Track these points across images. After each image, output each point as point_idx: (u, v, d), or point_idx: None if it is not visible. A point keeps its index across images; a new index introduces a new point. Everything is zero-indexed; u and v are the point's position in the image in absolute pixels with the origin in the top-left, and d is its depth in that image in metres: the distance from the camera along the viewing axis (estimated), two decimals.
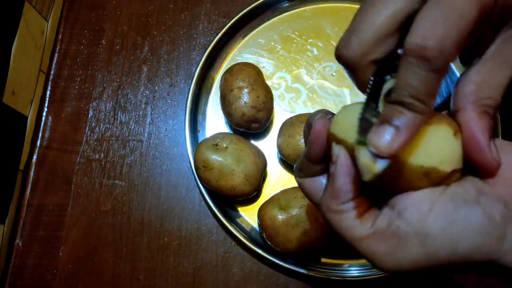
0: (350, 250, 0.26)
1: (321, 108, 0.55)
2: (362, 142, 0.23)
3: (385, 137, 0.23)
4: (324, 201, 0.26)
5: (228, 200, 0.52)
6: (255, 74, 0.51)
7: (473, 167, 0.25)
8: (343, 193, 0.25)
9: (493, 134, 0.25)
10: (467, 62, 0.27)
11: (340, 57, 0.26)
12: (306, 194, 0.30)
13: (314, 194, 0.29)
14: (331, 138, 0.26)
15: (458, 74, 0.50)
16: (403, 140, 0.23)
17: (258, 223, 0.49)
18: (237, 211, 0.53)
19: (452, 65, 0.53)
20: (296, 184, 0.53)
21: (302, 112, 0.54)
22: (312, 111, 0.55)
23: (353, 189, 0.25)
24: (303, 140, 0.49)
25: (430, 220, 0.23)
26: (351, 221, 0.25)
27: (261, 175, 0.50)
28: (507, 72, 0.25)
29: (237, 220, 0.52)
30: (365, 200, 0.26)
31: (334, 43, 0.58)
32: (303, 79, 0.57)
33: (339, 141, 0.26)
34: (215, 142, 0.49)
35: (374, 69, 0.25)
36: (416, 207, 0.24)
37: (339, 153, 0.25)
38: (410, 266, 0.24)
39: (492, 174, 0.25)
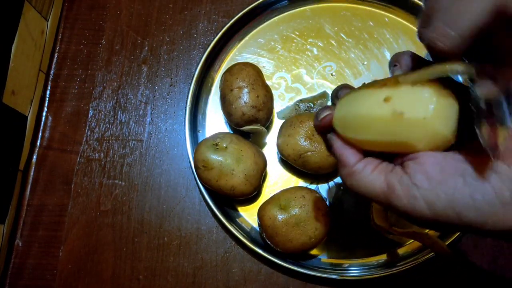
0: (350, 250, 0.26)
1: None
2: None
3: None
4: (340, 172, 0.30)
5: (228, 200, 0.52)
6: (255, 74, 0.51)
7: None
8: (347, 157, 0.29)
9: None
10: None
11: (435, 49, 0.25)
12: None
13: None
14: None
15: None
16: None
17: (258, 223, 0.49)
18: (237, 211, 0.53)
19: None
20: (296, 184, 0.53)
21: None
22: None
23: (353, 153, 0.29)
24: (303, 140, 0.49)
25: (439, 192, 0.25)
26: (368, 176, 0.28)
27: (261, 175, 0.50)
28: None
29: (237, 220, 0.52)
30: (375, 158, 0.29)
31: (334, 43, 0.58)
32: (303, 79, 0.57)
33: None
34: (215, 142, 0.49)
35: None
36: (426, 174, 0.26)
37: (331, 137, 0.31)
38: (420, 220, 0.26)
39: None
